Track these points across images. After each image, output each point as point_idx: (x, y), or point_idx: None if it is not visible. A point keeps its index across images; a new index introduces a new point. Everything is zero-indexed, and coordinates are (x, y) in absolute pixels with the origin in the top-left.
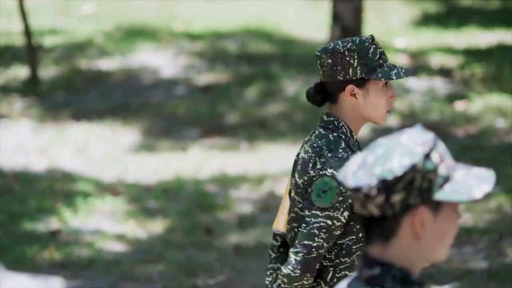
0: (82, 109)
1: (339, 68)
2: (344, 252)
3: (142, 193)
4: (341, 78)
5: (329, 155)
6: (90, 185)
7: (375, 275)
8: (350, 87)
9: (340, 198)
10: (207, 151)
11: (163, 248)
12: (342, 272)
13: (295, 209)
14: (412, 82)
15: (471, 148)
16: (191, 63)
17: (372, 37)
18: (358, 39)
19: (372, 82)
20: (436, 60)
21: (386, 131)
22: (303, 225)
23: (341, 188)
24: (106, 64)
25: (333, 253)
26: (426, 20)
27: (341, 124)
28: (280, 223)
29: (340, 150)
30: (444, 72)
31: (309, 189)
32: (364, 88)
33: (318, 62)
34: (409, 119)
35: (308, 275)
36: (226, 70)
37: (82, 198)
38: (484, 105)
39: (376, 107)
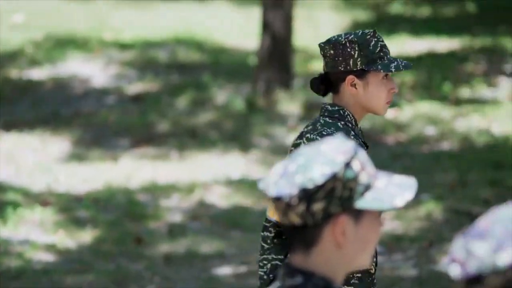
0: (12, 118)
1: (340, 59)
2: None
3: (72, 203)
4: (342, 69)
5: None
6: (19, 195)
7: (297, 284)
8: (350, 77)
9: None
10: (137, 160)
11: (93, 258)
12: None
13: None
14: None
15: (401, 156)
16: (121, 73)
17: (374, 31)
18: (360, 32)
19: (372, 73)
20: None
21: None
22: None
23: None
24: (37, 73)
25: None
26: (357, 28)
27: (346, 113)
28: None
29: (352, 138)
30: None
31: None
32: (364, 79)
33: (322, 52)
34: None
35: None
36: (156, 79)
37: (11, 208)
38: (414, 113)
39: (376, 98)
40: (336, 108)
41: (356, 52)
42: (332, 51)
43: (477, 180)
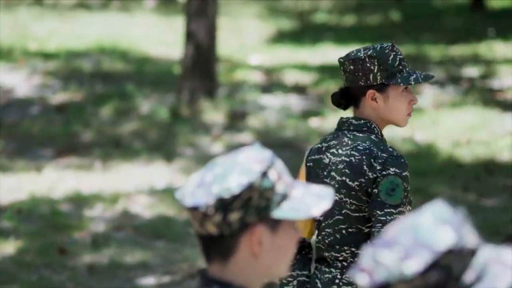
0: None
1: (360, 74)
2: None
3: None
4: (362, 83)
5: (384, 155)
6: None
7: None
8: (370, 91)
9: (405, 193)
10: (61, 170)
11: (15, 269)
12: None
13: (344, 211)
14: (266, 99)
15: None
16: (45, 82)
17: (393, 45)
18: (379, 46)
19: (392, 86)
20: (291, 77)
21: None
22: (378, 225)
23: (405, 185)
24: None
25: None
26: (281, 37)
27: (373, 126)
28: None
29: (390, 149)
30: (299, 89)
31: (372, 190)
32: (384, 93)
33: (342, 68)
34: (264, 136)
35: None
36: (80, 89)
37: None
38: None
39: (397, 111)
40: (362, 121)
41: (376, 66)
42: (352, 67)
43: None
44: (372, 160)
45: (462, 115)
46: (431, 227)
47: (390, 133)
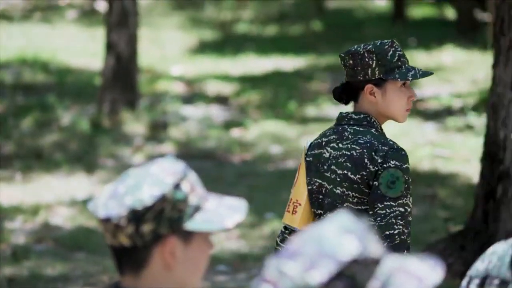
0: None
1: (359, 68)
2: None
3: None
4: (361, 78)
5: (384, 148)
6: None
7: None
8: (369, 86)
9: (406, 186)
10: None
11: None
12: None
13: (346, 204)
14: (188, 110)
15: (247, 175)
16: None
17: (392, 41)
18: (379, 42)
19: (390, 82)
20: (213, 88)
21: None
22: (378, 218)
23: (405, 177)
24: None
25: None
26: (203, 48)
27: (373, 120)
28: (296, 220)
29: (391, 142)
30: (221, 100)
31: (373, 183)
32: (382, 88)
33: (342, 62)
34: (185, 147)
35: None
36: (1, 101)
37: None
38: (260, 132)
39: (395, 106)
40: (362, 116)
41: (374, 61)
42: (351, 61)
43: None
44: (373, 153)
45: (384, 124)
46: (335, 237)
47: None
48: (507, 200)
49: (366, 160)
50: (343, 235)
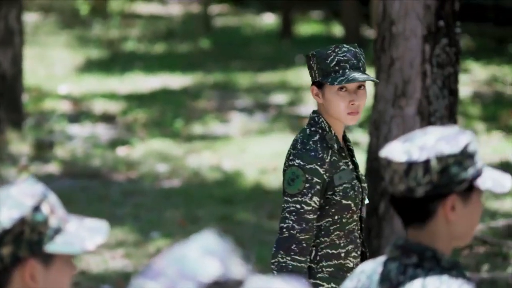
0: None
1: (308, 70)
2: (323, 232)
3: None
4: (311, 79)
5: (299, 147)
6: None
7: None
8: (312, 87)
9: (307, 185)
10: None
11: None
12: (324, 251)
13: None
14: (74, 129)
15: (132, 193)
16: None
17: (336, 46)
18: (326, 47)
19: (327, 85)
20: (99, 106)
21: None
22: (281, 211)
23: (307, 176)
24: None
25: (313, 233)
26: (90, 67)
27: (320, 120)
28: None
29: (311, 143)
30: (107, 118)
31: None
32: (322, 90)
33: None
34: (71, 166)
35: (282, 252)
36: None
37: None
38: (146, 150)
39: (334, 108)
40: (313, 115)
41: (315, 65)
42: (306, 63)
43: (206, 216)
44: (290, 151)
45: (269, 142)
46: (197, 259)
47: (197, 161)
48: (389, 216)
49: (286, 157)
50: (205, 256)
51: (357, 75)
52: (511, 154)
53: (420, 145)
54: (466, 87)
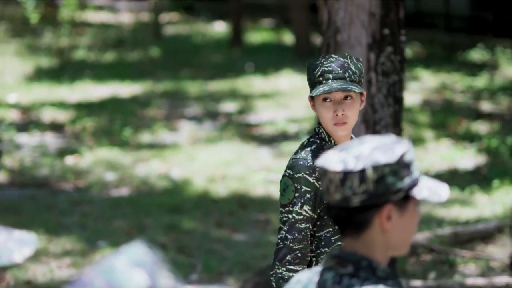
0: None
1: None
2: (323, 243)
3: None
4: None
5: (292, 157)
6: None
7: None
8: (308, 98)
9: (297, 194)
10: None
11: None
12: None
13: None
14: (23, 138)
15: (80, 203)
16: None
17: (323, 56)
18: (319, 57)
19: (315, 96)
20: (48, 115)
21: None
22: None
23: (296, 185)
24: None
25: (314, 244)
26: (40, 75)
27: (320, 130)
28: None
29: (303, 152)
30: (56, 127)
31: None
32: (312, 101)
33: None
34: (19, 175)
35: (278, 263)
36: None
37: None
38: (94, 159)
39: (322, 120)
40: (316, 126)
41: (307, 75)
42: None
43: (154, 225)
44: (289, 162)
45: (218, 150)
46: (125, 270)
47: (145, 169)
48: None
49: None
50: (133, 268)
51: (335, 85)
52: (459, 161)
53: (356, 154)
54: (415, 94)
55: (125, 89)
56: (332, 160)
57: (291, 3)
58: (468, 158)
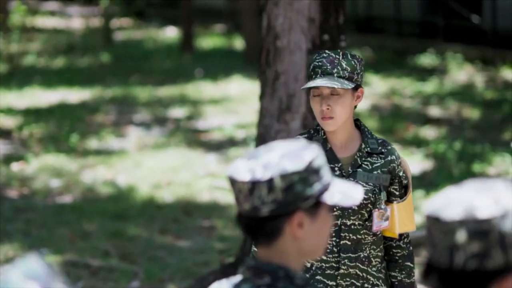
0: None
1: None
2: None
3: None
4: None
5: None
6: None
7: None
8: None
9: None
10: None
11: None
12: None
13: None
14: None
15: (24, 210)
16: None
17: (316, 52)
18: (316, 53)
19: (308, 91)
20: None
21: None
22: None
23: None
24: None
25: None
26: None
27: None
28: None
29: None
30: (3, 133)
31: None
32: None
33: None
34: None
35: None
36: None
37: None
38: (40, 166)
39: (314, 113)
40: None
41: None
42: None
43: (97, 232)
44: None
45: (165, 156)
46: (19, 283)
47: (91, 176)
48: None
49: None
50: (26, 281)
51: (319, 80)
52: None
53: (264, 163)
54: (364, 100)
55: (74, 95)
56: (240, 170)
57: (242, 8)
58: (415, 164)
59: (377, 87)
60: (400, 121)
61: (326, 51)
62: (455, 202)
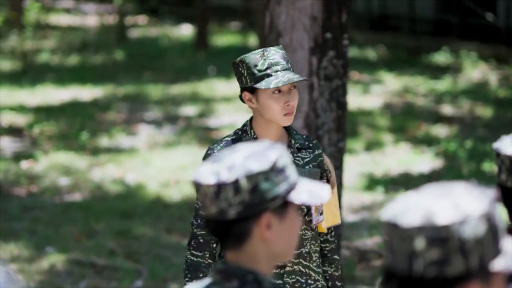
0: None
1: (237, 77)
2: None
3: None
4: (240, 86)
5: (209, 146)
6: None
7: None
8: (244, 93)
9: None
10: None
11: None
12: None
13: None
14: None
15: (32, 208)
16: None
17: (264, 50)
18: (252, 52)
19: (261, 89)
20: (6, 119)
21: None
22: None
23: None
24: None
25: None
26: (0, 79)
27: (244, 124)
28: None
29: (217, 143)
30: (14, 131)
31: None
32: (255, 95)
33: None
34: None
35: (187, 247)
36: None
37: None
38: (49, 164)
39: (270, 111)
40: (246, 121)
41: (245, 70)
42: (234, 70)
43: (104, 231)
44: None
45: (175, 154)
46: None
47: (100, 174)
48: None
49: None
50: None
51: (291, 75)
52: (416, 166)
53: (229, 165)
54: (377, 98)
55: (86, 93)
56: (205, 173)
57: (256, 6)
58: (425, 162)
59: (390, 85)
60: (412, 119)
61: (269, 48)
62: (414, 207)
